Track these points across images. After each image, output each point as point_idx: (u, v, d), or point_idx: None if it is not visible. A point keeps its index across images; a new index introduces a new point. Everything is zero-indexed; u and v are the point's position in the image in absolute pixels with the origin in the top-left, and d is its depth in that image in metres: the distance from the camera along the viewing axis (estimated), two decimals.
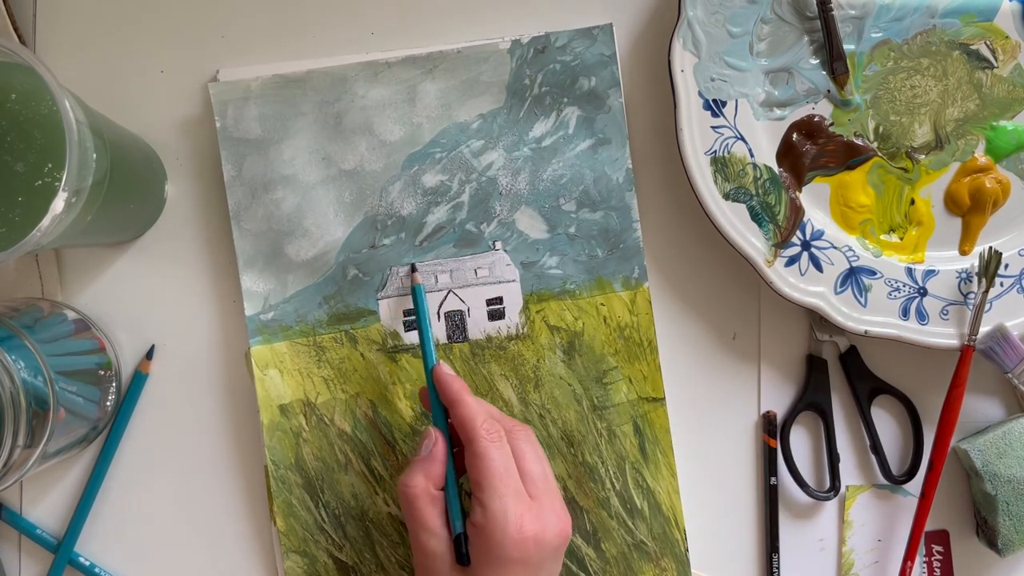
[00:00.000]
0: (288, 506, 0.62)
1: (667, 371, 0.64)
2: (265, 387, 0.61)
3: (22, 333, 0.54)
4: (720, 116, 0.61)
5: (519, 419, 0.62)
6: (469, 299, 0.62)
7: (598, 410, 0.63)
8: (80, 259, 0.64)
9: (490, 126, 0.62)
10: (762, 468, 0.65)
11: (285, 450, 0.62)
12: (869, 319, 0.62)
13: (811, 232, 0.62)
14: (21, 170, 0.48)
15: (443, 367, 0.56)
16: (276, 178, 0.61)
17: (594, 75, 0.62)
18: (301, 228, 0.62)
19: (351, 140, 0.62)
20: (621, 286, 0.63)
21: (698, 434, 0.65)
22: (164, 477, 0.64)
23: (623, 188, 0.63)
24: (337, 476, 0.62)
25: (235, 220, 0.61)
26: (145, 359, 0.63)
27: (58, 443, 0.56)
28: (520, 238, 0.63)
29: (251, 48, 0.64)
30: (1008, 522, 0.62)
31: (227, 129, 0.61)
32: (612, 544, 0.63)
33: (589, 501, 0.63)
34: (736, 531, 0.66)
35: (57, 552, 0.63)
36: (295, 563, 0.62)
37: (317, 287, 0.62)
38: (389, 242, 0.62)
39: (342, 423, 0.62)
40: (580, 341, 0.63)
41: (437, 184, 0.62)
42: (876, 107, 0.62)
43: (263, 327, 0.62)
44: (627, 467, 0.63)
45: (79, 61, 0.64)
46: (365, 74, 0.62)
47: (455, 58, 0.62)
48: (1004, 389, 0.66)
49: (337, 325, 0.62)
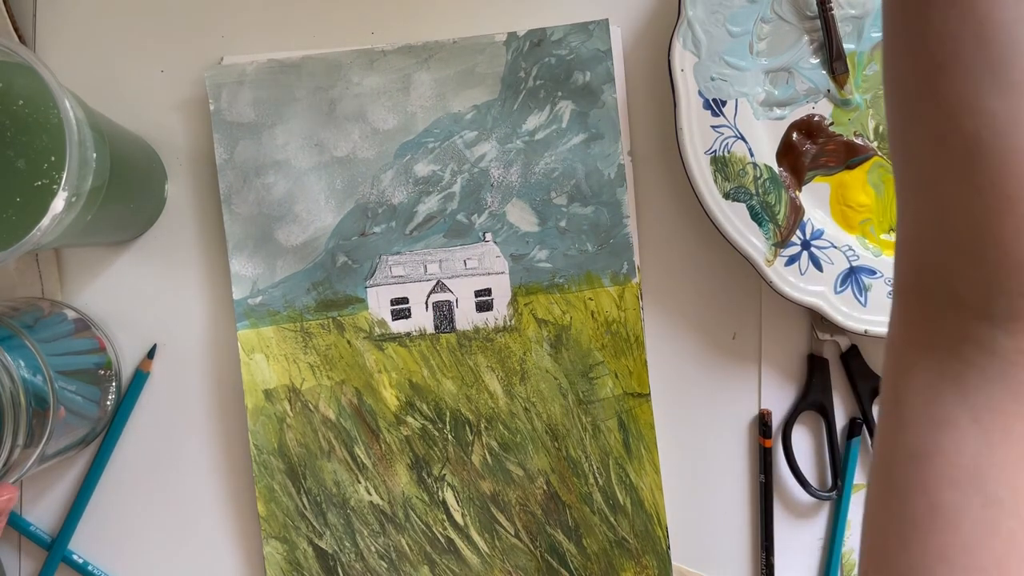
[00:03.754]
0: (269, 491, 0.62)
1: (667, 371, 0.64)
2: (251, 371, 0.62)
3: (22, 333, 0.54)
4: (720, 115, 0.61)
5: (504, 412, 0.62)
6: (457, 289, 0.62)
7: (583, 404, 0.62)
8: (80, 259, 0.64)
9: (484, 117, 0.62)
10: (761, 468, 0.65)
11: (268, 435, 0.62)
12: (869, 318, 0.62)
13: (811, 232, 0.62)
14: (22, 167, 0.49)
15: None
16: (268, 163, 0.62)
17: (589, 70, 0.62)
18: (292, 213, 0.62)
19: (344, 127, 0.62)
20: (610, 281, 0.62)
21: (698, 434, 0.65)
22: (164, 476, 0.64)
23: (615, 184, 0.62)
24: (320, 463, 0.62)
25: (226, 203, 0.62)
26: (146, 358, 0.64)
27: (58, 443, 0.56)
28: (510, 230, 0.62)
29: (251, 48, 0.64)
30: None
31: (221, 112, 0.62)
32: (594, 540, 0.62)
33: (572, 496, 0.62)
34: (735, 530, 0.65)
35: (51, 550, 0.63)
36: (275, 549, 0.62)
37: (306, 273, 0.62)
38: (379, 230, 0.62)
39: (327, 410, 0.62)
40: (567, 335, 0.62)
41: (429, 174, 0.62)
42: (876, 107, 0.62)
43: (250, 311, 0.62)
44: (611, 463, 0.62)
45: (79, 61, 0.64)
46: (360, 62, 0.62)
47: (451, 48, 0.62)
48: None
49: (325, 312, 0.62)
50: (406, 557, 0.62)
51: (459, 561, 0.63)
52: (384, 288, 0.62)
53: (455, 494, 0.63)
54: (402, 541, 0.62)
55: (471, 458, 0.62)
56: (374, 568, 0.62)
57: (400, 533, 0.62)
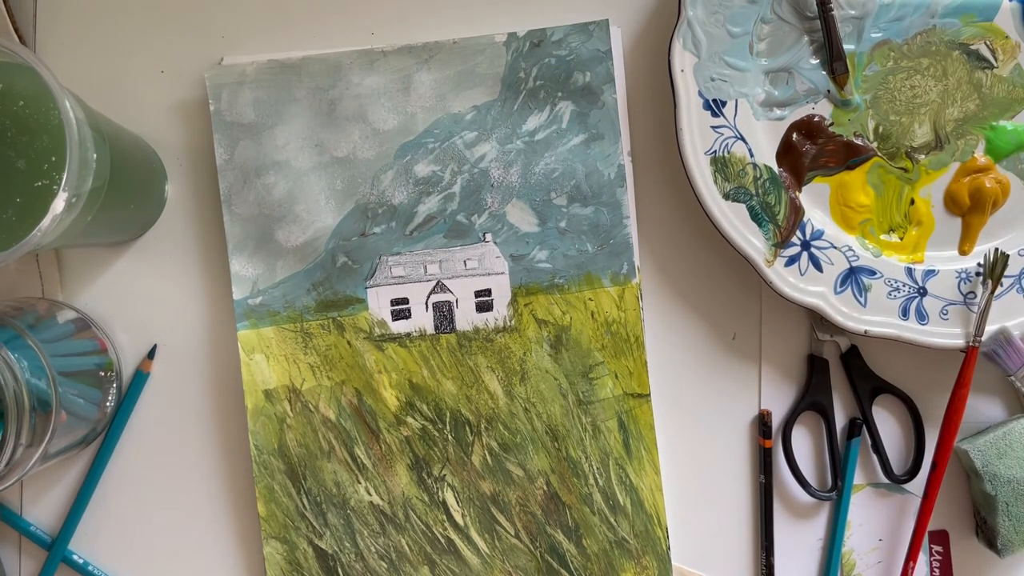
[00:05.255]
0: (269, 491, 0.62)
1: (667, 371, 0.64)
2: (251, 372, 0.62)
3: (25, 333, 0.54)
4: (720, 116, 0.61)
5: (504, 412, 0.62)
6: (458, 290, 0.62)
7: (583, 405, 0.62)
8: (80, 259, 0.64)
9: (484, 118, 0.62)
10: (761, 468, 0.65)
11: (268, 435, 0.62)
12: (869, 319, 0.62)
13: (811, 232, 0.62)
14: (23, 168, 0.49)
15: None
16: (268, 163, 0.62)
17: (589, 70, 0.62)
18: (292, 214, 0.62)
19: (344, 128, 0.62)
20: (610, 282, 0.62)
21: (698, 434, 0.65)
22: (164, 476, 0.64)
23: (615, 184, 0.62)
24: (320, 463, 0.62)
25: (226, 204, 0.62)
26: (147, 358, 0.64)
27: (59, 443, 0.56)
28: (510, 231, 0.62)
29: (251, 48, 0.64)
30: (1008, 523, 0.61)
31: (221, 113, 0.62)
32: (594, 541, 0.62)
33: (572, 497, 0.62)
34: (735, 531, 0.65)
35: (51, 550, 0.63)
36: (275, 549, 0.62)
37: (306, 273, 0.62)
38: (379, 231, 0.62)
39: (327, 410, 0.62)
40: (567, 335, 0.62)
41: (429, 174, 0.62)
42: (876, 107, 0.62)
43: (250, 311, 0.62)
44: (611, 463, 0.62)
45: (79, 61, 0.64)
46: (360, 62, 0.62)
47: (451, 49, 0.62)
48: (1005, 390, 0.65)
49: (325, 312, 0.62)
50: (406, 557, 0.62)
51: (459, 561, 0.63)
52: (384, 288, 0.62)
53: (455, 494, 0.63)
54: (402, 541, 0.62)
55: (471, 458, 0.62)
56: (374, 568, 0.62)
57: (400, 533, 0.62)
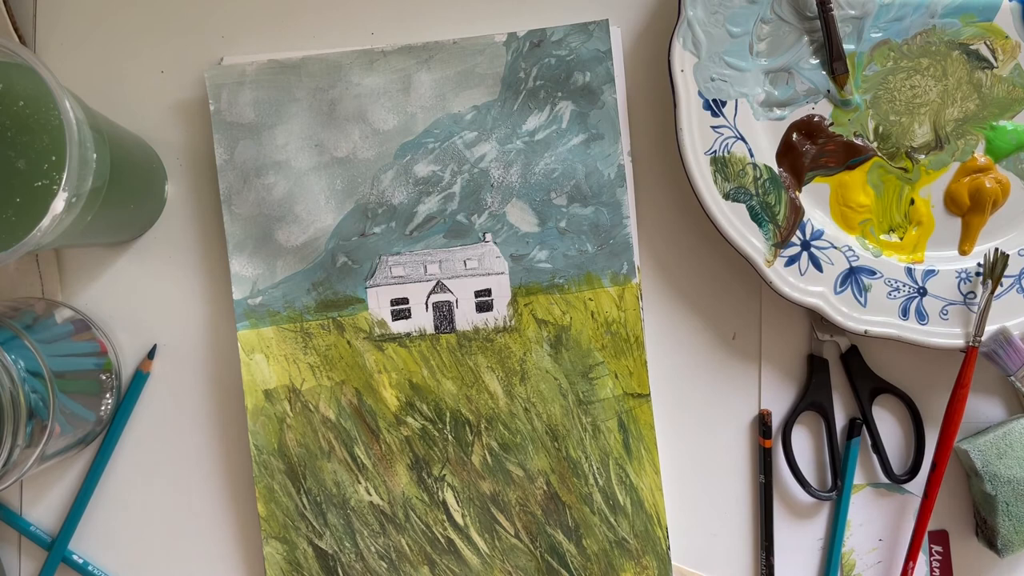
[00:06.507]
0: (269, 491, 0.62)
1: (667, 371, 0.64)
2: (251, 372, 0.62)
3: (22, 334, 0.54)
4: (720, 116, 0.61)
5: (504, 412, 0.62)
6: (457, 290, 0.62)
7: (583, 405, 0.62)
8: (80, 259, 0.64)
9: (484, 118, 0.62)
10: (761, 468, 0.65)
11: (268, 435, 0.62)
12: (869, 319, 0.62)
13: (811, 232, 0.62)
14: (23, 167, 0.49)
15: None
16: (268, 163, 0.62)
17: (589, 70, 0.62)
18: (292, 214, 0.62)
19: (344, 128, 0.62)
20: (610, 282, 0.62)
21: (698, 434, 0.65)
22: (164, 476, 0.64)
23: (614, 184, 0.62)
24: (320, 463, 0.62)
25: (226, 204, 0.62)
26: (146, 358, 0.64)
27: (58, 444, 0.56)
28: (510, 231, 0.62)
29: (251, 48, 0.64)
30: (1008, 523, 0.61)
31: (221, 113, 0.62)
32: (594, 541, 0.62)
33: (572, 497, 0.62)
34: (735, 531, 0.65)
35: (51, 550, 0.63)
36: (275, 549, 0.62)
37: (306, 273, 0.62)
38: (379, 231, 0.62)
39: (326, 410, 0.62)
40: (567, 335, 0.62)
41: (429, 174, 0.62)
42: (876, 107, 0.62)
43: (250, 311, 0.62)
44: (611, 463, 0.62)
45: (79, 61, 0.64)
46: (360, 62, 0.62)
47: (451, 49, 0.62)
48: (1005, 390, 0.65)
49: (325, 312, 0.62)
50: (406, 557, 0.62)
51: (459, 561, 0.63)
52: (384, 288, 0.62)
53: (455, 494, 0.63)
54: (402, 541, 0.62)
55: (471, 458, 0.62)
56: (374, 568, 0.62)
57: (400, 533, 0.62)
